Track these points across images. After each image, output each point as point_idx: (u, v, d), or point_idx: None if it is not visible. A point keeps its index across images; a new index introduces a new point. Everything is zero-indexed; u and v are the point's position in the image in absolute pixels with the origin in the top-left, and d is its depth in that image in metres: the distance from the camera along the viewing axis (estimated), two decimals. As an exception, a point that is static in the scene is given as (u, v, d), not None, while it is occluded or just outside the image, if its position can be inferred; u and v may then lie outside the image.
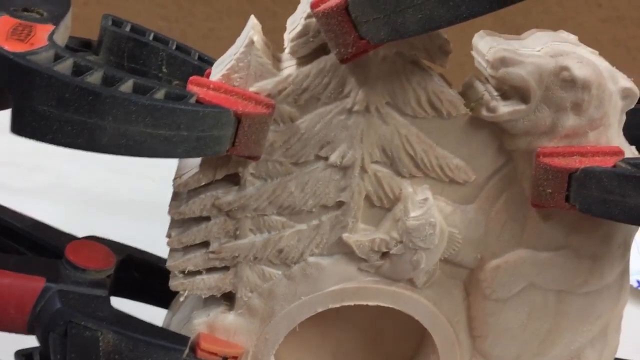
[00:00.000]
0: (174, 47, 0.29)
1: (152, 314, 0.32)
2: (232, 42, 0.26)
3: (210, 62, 0.29)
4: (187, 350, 0.28)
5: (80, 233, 0.33)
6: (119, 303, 0.32)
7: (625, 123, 0.31)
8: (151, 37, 0.29)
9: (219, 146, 0.24)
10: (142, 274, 0.33)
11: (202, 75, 0.27)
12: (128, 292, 0.34)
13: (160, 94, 0.23)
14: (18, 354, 0.33)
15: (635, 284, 0.50)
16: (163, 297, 0.32)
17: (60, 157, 0.54)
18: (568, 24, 0.72)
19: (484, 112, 0.26)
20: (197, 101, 0.23)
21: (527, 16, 0.72)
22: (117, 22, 0.29)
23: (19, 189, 0.53)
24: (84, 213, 0.53)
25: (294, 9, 0.26)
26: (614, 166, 0.25)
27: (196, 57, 0.29)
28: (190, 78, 0.24)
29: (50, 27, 0.23)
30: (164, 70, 0.28)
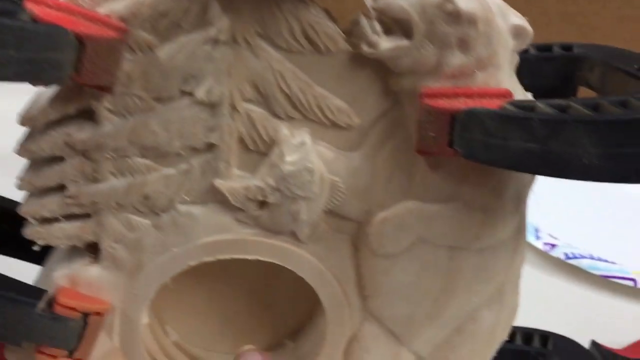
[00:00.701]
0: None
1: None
2: None
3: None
4: (42, 305, 0.25)
5: None
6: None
7: (534, 72, 0.29)
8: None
9: (58, 71, 0.21)
10: (12, 226, 0.30)
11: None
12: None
13: (-18, 7, 0.20)
14: None
15: (562, 257, 0.49)
16: (39, 252, 0.30)
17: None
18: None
19: (365, 48, 0.23)
20: (32, 19, 0.21)
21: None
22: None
23: None
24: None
25: None
26: (500, 108, 0.22)
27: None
28: (27, -6, 0.21)
29: None
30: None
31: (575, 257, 0.48)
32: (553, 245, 0.49)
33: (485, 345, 0.29)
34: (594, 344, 0.38)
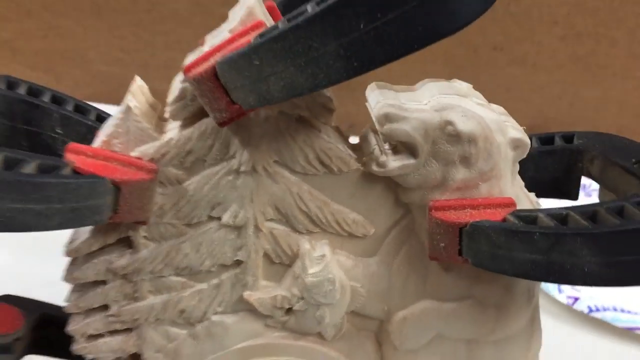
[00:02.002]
0: (70, 107, 0.29)
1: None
2: None
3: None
4: (92, 415, 0.27)
5: (24, 274, 0.32)
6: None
7: (538, 165, 0.31)
8: (47, 98, 0.29)
9: (98, 215, 0.23)
10: (60, 332, 0.33)
11: (95, 135, 0.27)
12: (48, 350, 0.33)
13: (30, 167, 0.22)
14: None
15: (586, 310, 0.49)
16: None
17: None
18: (527, 42, 0.71)
19: (374, 167, 0.25)
20: (73, 170, 0.23)
21: (485, 37, 0.71)
22: (12, 84, 0.28)
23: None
24: (27, 256, 0.52)
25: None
26: (503, 220, 0.24)
27: (94, 117, 0.29)
28: (68, 146, 0.24)
29: None
30: (58, 131, 0.28)
31: (599, 310, 0.49)
32: (576, 299, 0.50)
33: None
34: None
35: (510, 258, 0.23)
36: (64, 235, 0.28)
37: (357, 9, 0.19)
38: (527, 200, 0.26)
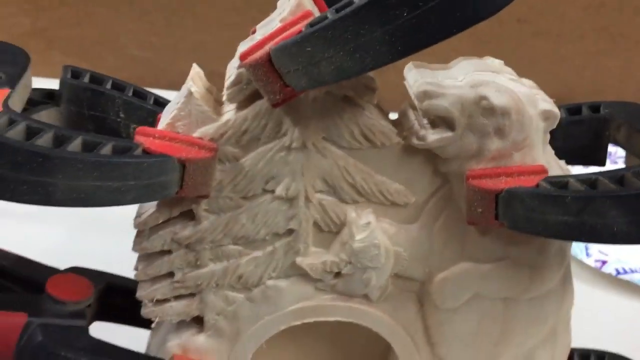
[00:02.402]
0: (130, 93, 0.31)
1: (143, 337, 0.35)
2: (223, 53, 0.27)
3: (163, 104, 0.31)
4: (162, 372, 0.30)
5: (77, 254, 0.35)
6: (110, 328, 0.34)
7: (566, 135, 0.33)
8: (109, 85, 0.31)
9: (167, 190, 0.26)
10: (124, 300, 0.36)
11: (155, 118, 0.29)
12: (115, 317, 0.36)
13: (107, 149, 0.25)
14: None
15: (614, 273, 0.51)
16: (145, 320, 0.35)
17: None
18: (550, 14, 0.72)
19: (415, 141, 0.27)
20: (144, 151, 0.25)
21: (509, 9, 0.72)
22: (76, 73, 0.31)
23: (17, 214, 0.56)
24: (82, 234, 0.55)
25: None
26: (536, 186, 0.26)
27: (152, 101, 0.31)
28: (137, 129, 0.26)
29: (5, 92, 0.26)
30: (122, 115, 0.30)
31: (626, 272, 0.51)
32: (604, 262, 0.52)
33: (543, 380, 0.33)
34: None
35: (543, 220, 0.25)
36: (114, 215, 0.30)
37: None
38: (557, 168, 0.28)
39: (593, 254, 0.53)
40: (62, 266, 0.35)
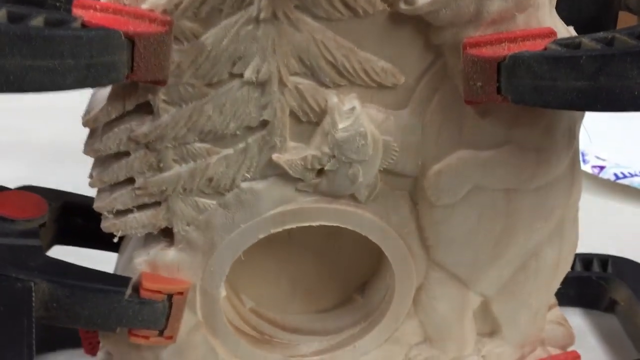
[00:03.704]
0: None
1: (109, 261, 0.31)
2: None
3: (109, -14, 0.27)
4: (129, 291, 0.27)
5: (49, 185, 0.32)
6: (71, 252, 0.31)
7: (573, 3, 0.29)
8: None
9: (115, 73, 0.22)
10: (85, 220, 0.32)
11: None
12: (75, 238, 0.33)
13: (37, 21, 0.21)
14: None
15: (612, 177, 0.49)
16: (111, 241, 0.32)
17: (22, 114, 0.53)
18: None
19: (402, 6, 0.24)
20: (83, 24, 0.22)
21: None
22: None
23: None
24: (50, 165, 0.52)
25: None
26: (544, 49, 0.23)
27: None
28: (75, 1, 0.22)
29: None
30: (62, -1, 0.26)
31: (625, 177, 0.48)
32: (602, 168, 0.49)
33: (550, 280, 0.30)
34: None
35: (554, 88, 0.22)
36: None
37: None
38: (566, 33, 0.25)
39: (590, 160, 0.50)
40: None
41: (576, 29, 0.27)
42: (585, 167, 0.49)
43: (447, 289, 0.30)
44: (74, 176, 0.35)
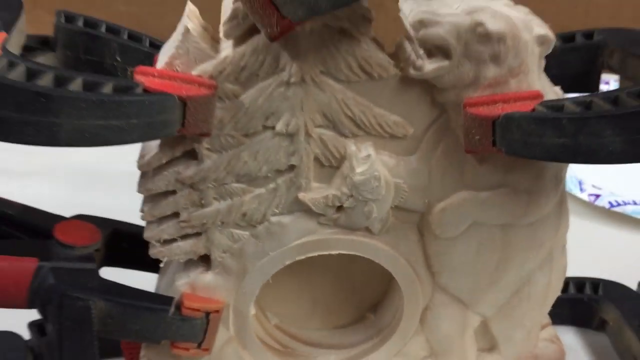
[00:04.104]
0: (125, 36, 0.31)
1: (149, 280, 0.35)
2: (210, 5, 0.27)
3: (159, 47, 0.31)
4: (172, 309, 0.31)
5: (81, 209, 0.35)
6: (117, 273, 0.35)
7: (561, 62, 0.33)
8: (104, 29, 0.31)
9: (169, 129, 0.26)
10: (131, 245, 0.36)
11: (152, 60, 0.29)
12: (121, 262, 0.37)
13: (107, 88, 0.25)
14: (31, 325, 0.36)
15: (607, 205, 0.52)
16: (152, 263, 0.36)
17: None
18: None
19: (412, 71, 0.28)
20: (144, 90, 0.26)
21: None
22: (70, 17, 0.31)
23: (19, 173, 0.56)
24: (84, 190, 0.55)
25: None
26: (533, 110, 0.27)
27: (147, 44, 0.31)
28: (136, 68, 0.26)
29: (3, 35, 0.26)
30: (118, 59, 0.30)
31: (619, 205, 0.52)
32: (597, 196, 0.53)
33: (541, 302, 0.34)
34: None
35: (540, 144, 0.26)
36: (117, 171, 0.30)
37: None
38: (553, 94, 0.29)
39: (587, 189, 0.54)
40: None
41: (563, 85, 0.31)
42: (582, 195, 0.53)
43: (450, 309, 0.33)
44: (113, 200, 0.38)
